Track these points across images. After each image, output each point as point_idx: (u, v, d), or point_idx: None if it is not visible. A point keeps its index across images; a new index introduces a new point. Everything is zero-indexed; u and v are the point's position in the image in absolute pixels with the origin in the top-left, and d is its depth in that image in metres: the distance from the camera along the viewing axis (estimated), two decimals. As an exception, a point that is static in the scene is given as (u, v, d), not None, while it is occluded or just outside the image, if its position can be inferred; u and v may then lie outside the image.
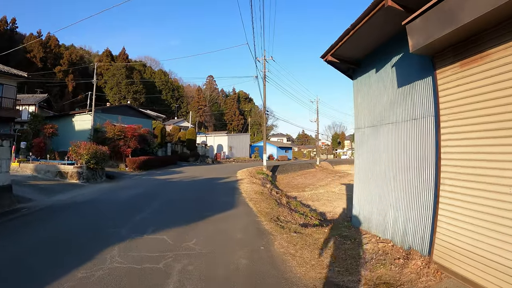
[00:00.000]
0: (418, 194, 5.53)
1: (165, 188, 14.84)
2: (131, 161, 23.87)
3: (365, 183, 7.24)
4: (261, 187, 16.29)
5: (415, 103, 5.71)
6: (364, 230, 7.07)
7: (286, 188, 26.80)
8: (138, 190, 14.12)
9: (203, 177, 20.26)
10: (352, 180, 33.12)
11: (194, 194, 13.10)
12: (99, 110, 28.61)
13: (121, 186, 16.25)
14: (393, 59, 6.40)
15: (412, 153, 5.72)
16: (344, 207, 19.12)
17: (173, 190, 14.33)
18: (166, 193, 13.18)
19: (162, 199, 11.75)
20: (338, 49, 6.95)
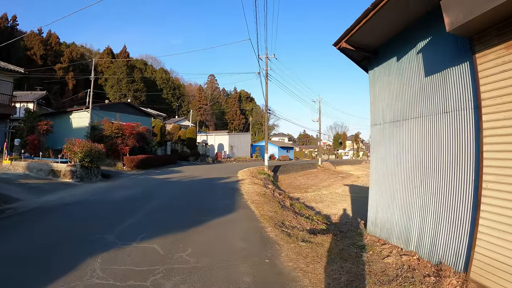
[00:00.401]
0: (452, 199, 4.68)
1: (162, 189, 14.01)
2: (129, 159, 23.05)
3: (384, 186, 6.38)
4: (263, 188, 15.45)
5: (448, 93, 4.86)
6: (382, 240, 6.22)
7: (288, 189, 25.98)
8: (133, 191, 13.29)
9: (202, 177, 19.43)
10: (355, 181, 32.25)
11: (192, 195, 12.27)
12: (97, 107, 27.78)
13: (116, 185, 15.43)
14: (419, 45, 5.55)
15: (444, 152, 4.87)
16: (349, 209, 18.34)
17: (170, 190, 13.50)
18: (163, 194, 12.35)
19: (158, 200, 10.92)
20: (354, 34, 6.10)
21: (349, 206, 19.21)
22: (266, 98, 32.29)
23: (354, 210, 17.83)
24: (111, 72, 71.45)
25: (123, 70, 71.21)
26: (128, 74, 72.40)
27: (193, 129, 38.78)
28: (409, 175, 5.59)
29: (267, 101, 32.45)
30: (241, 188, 14.34)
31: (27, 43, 67.41)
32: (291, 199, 16.48)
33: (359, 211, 17.16)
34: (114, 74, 71.03)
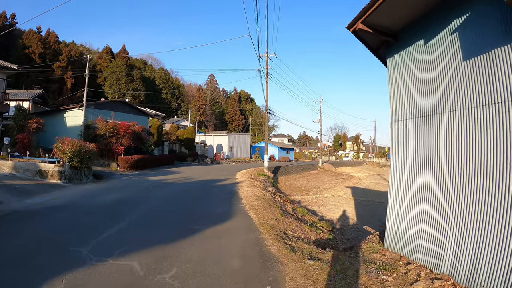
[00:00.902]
0: (502, 212, 3.67)
1: (154, 192, 12.98)
2: (123, 160, 22.03)
3: (409, 193, 5.33)
4: (262, 191, 14.43)
5: (496, 80, 3.85)
6: (405, 258, 5.19)
7: (288, 191, 24.99)
8: (124, 194, 12.27)
9: (199, 178, 18.41)
10: (357, 183, 31.13)
11: (186, 199, 11.26)
12: (92, 106, 26.75)
13: (107, 188, 14.42)
14: (453, 23, 4.54)
15: (491, 152, 3.85)
16: (353, 213, 17.43)
17: (163, 194, 12.47)
18: (154, 198, 11.34)
19: (147, 205, 9.91)
20: (373, 14, 5.08)
21: (353, 210, 18.28)
22: (266, 97, 31.29)
23: (358, 214, 16.89)
24: (110, 71, 70.49)
25: (122, 69, 70.21)
26: (127, 73, 71.42)
27: (191, 129, 37.73)
28: (443, 181, 4.56)
29: (267, 101, 31.46)
30: (240, 191, 13.32)
31: (26, 41, 66.58)
32: (293, 202, 15.47)
33: (364, 216, 16.20)
34: (113, 73, 70.06)
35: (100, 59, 75.47)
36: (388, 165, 74.24)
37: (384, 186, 33.07)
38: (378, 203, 20.77)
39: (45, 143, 24.09)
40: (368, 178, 41.77)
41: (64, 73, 67.08)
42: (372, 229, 10.08)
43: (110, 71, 70.57)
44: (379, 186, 32.94)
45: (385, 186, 33.07)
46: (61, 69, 66.87)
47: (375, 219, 14.91)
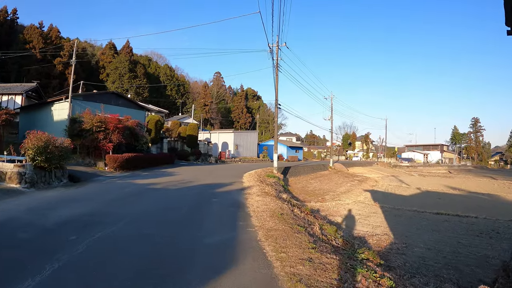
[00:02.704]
0: None
1: (133, 203, 9.51)
2: (112, 159, 18.61)
3: None
4: (277, 200, 10.88)
5: None
6: None
7: (302, 195, 21.51)
8: (89, 206, 8.82)
9: (198, 182, 14.91)
10: (374, 186, 27.17)
11: (170, 218, 7.71)
12: (80, 97, 23.37)
13: (76, 195, 10.97)
14: None
15: None
16: (384, 226, 13.84)
17: (143, 207, 8.96)
18: (128, 214, 7.83)
19: (112, 228, 6.44)
20: None
21: (384, 221, 14.71)
22: (276, 90, 27.68)
23: (394, 229, 13.33)
24: (113, 67, 67.46)
25: (126, 65, 67.10)
26: (131, 69, 68.32)
27: (194, 125, 34.20)
28: None
29: (277, 94, 27.79)
30: (248, 202, 9.77)
31: (26, 36, 63.95)
32: (315, 215, 11.91)
33: (401, 231, 12.69)
34: (116, 69, 66.98)
35: (103, 55, 72.51)
36: (399, 166, 70.61)
37: (404, 190, 29.35)
38: (410, 212, 17.26)
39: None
40: (384, 180, 38.02)
41: (66, 69, 64.21)
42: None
43: (113, 67, 67.56)
44: (400, 190, 29.22)
45: (405, 190, 29.35)
46: (62, 64, 64.09)
47: (418, 236, 11.52)
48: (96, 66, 72.06)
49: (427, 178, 45.64)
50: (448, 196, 25.96)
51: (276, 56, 27.70)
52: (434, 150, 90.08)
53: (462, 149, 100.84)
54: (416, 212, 16.99)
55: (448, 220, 14.73)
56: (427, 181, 39.32)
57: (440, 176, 51.12)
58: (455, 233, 12.21)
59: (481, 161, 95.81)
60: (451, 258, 8.91)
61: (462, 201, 23.44)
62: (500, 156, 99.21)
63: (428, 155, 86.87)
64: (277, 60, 27.67)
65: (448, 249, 9.86)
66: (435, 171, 64.92)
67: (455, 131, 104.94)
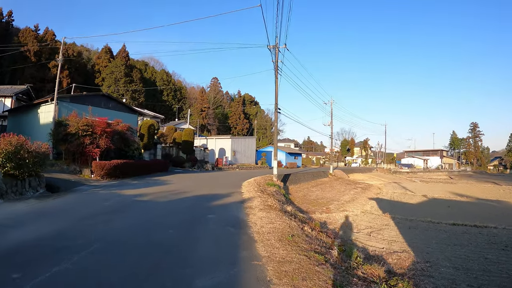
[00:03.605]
0: None
1: (113, 220, 7.79)
2: (99, 166, 16.88)
3: None
4: (283, 216, 9.20)
5: None
6: None
7: (304, 205, 19.91)
8: (62, 223, 7.18)
9: (192, 193, 13.18)
10: (378, 193, 25.27)
11: (153, 244, 5.97)
12: (67, 99, 21.69)
13: (49, 209, 9.24)
14: None
15: None
16: (400, 240, 12.36)
17: (122, 226, 7.24)
18: (101, 237, 6.12)
19: (75, 258, 4.78)
20: None
21: (399, 235, 13.16)
22: (276, 94, 26.13)
23: (410, 243, 11.87)
24: (109, 71, 65.83)
25: (121, 70, 65.48)
26: (127, 74, 66.72)
27: (190, 130, 32.43)
28: None
29: (277, 98, 26.25)
30: (250, 220, 8.07)
31: (21, 39, 62.28)
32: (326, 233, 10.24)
33: (420, 247, 10.87)
34: (112, 73, 65.35)
35: (99, 59, 70.91)
36: (399, 172, 69.05)
37: (411, 197, 27.80)
38: (424, 223, 15.79)
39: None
40: (387, 187, 36.43)
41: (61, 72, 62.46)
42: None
43: (108, 71, 65.94)
44: (406, 197, 27.64)
45: (411, 197, 27.79)
46: (57, 68, 62.39)
47: (440, 252, 10.22)
48: (92, 70, 70.42)
49: (430, 185, 44.19)
50: (458, 204, 24.66)
51: (276, 58, 26.22)
52: (433, 156, 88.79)
53: (461, 154, 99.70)
54: (431, 223, 15.61)
55: (467, 232, 13.47)
56: (431, 188, 37.86)
57: (442, 182, 49.75)
58: (478, 247, 11.05)
59: (480, 166, 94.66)
60: (484, 279, 7.85)
61: (473, 209, 22.23)
62: (499, 161, 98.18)
63: (428, 160, 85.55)
64: (276, 63, 26.18)
65: (477, 267, 8.77)
66: (436, 177, 63.50)
67: (454, 136, 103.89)
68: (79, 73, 65.31)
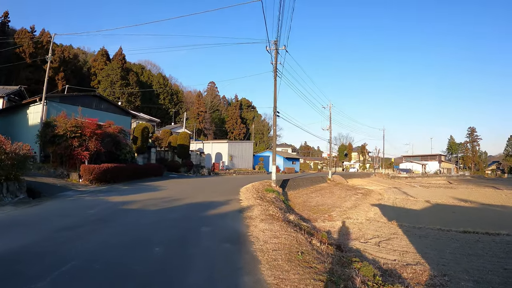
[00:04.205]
0: None
1: (91, 233, 6.68)
2: (87, 169, 15.73)
3: None
4: (287, 227, 8.13)
5: None
6: None
7: (305, 212, 18.90)
8: (32, 236, 6.08)
9: (186, 200, 12.08)
10: (380, 199, 23.77)
11: (132, 269, 4.81)
12: (56, 99, 20.51)
13: (24, 218, 8.11)
14: None
15: None
16: (412, 251, 11.45)
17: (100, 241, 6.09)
18: (70, 258, 5.01)
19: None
20: None
21: (409, 245, 12.20)
22: (275, 96, 25.13)
23: (423, 254, 10.93)
24: (105, 74, 64.67)
25: (118, 73, 64.36)
26: (123, 77, 65.60)
27: (186, 134, 31.27)
28: None
29: (276, 100, 25.24)
30: (251, 233, 6.95)
31: (17, 40, 61.23)
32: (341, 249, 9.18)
33: (434, 257, 10.05)
34: (108, 76, 64.20)
35: (95, 61, 69.78)
36: (398, 177, 68.12)
37: (413, 203, 26.75)
38: (434, 231, 14.69)
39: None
40: (388, 192, 35.41)
41: (56, 74, 61.38)
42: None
43: (104, 74, 64.78)
44: (409, 203, 26.61)
45: (414, 203, 26.73)
46: (52, 70, 61.34)
47: (456, 263, 9.45)
48: (88, 73, 69.31)
49: (430, 190, 43.28)
50: (462, 210, 23.83)
51: (275, 60, 25.29)
52: (432, 161, 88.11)
53: (459, 159, 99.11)
54: (441, 231, 14.72)
55: (480, 240, 12.71)
56: (432, 193, 36.95)
57: (442, 187, 48.95)
58: (495, 256, 10.38)
59: (478, 170, 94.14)
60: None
61: (479, 214, 21.39)
62: (497, 165, 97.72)
63: (426, 165, 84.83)
64: (275, 65, 25.26)
65: (498, 279, 8.10)
66: (434, 182, 62.69)
67: (452, 141, 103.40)
68: (74, 76, 64.20)
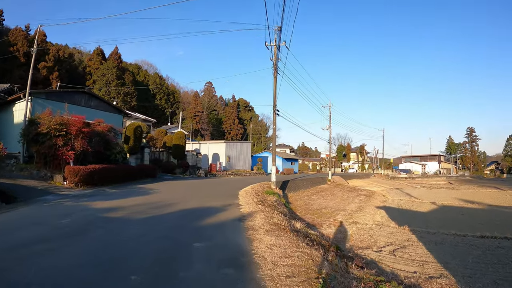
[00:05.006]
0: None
1: (56, 250, 5.30)
2: (72, 171, 14.29)
3: None
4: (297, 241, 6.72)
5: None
6: None
7: (308, 216, 17.61)
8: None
9: (179, 206, 10.65)
10: (384, 201, 21.46)
11: None
12: (42, 95, 19.02)
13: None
14: None
15: None
16: (434, 261, 10.23)
17: (64, 263, 4.75)
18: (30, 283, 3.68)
19: None
20: None
21: (427, 253, 11.03)
22: (275, 94, 23.81)
23: (445, 264, 9.87)
24: (100, 73, 63.16)
25: (113, 72, 62.85)
26: (119, 76, 64.10)
27: (181, 133, 29.76)
28: None
29: (276, 98, 23.89)
30: (255, 250, 5.51)
31: (11, 39, 59.60)
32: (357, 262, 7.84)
33: (457, 268, 9.06)
34: (103, 76, 62.68)
35: (91, 61, 68.19)
36: (397, 177, 66.82)
37: (419, 205, 25.44)
38: (449, 236, 13.23)
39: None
40: (391, 194, 34.13)
41: (50, 74, 59.81)
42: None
43: (100, 74, 63.27)
44: (414, 205, 25.31)
45: (420, 205, 25.41)
46: (47, 69, 59.81)
47: (482, 274, 8.53)
48: (83, 72, 67.72)
49: (433, 191, 42.12)
50: (471, 212, 22.68)
51: (274, 57, 23.97)
52: (431, 161, 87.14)
53: (458, 159, 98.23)
54: (457, 236, 13.63)
55: (501, 246, 11.79)
56: (435, 194, 35.77)
57: (444, 188, 47.86)
58: None
59: (477, 170, 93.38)
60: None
61: (489, 217, 20.11)
62: (496, 166, 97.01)
63: (426, 166, 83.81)
64: (275, 61, 23.95)
65: None
66: (435, 182, 61.57)
67: (450, 141, 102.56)
68: (70, 75, 62.62)
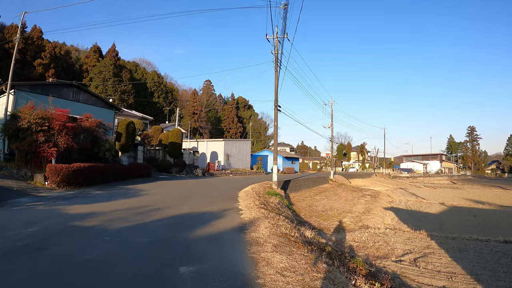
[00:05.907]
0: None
1: (2, 271, 3.86)
2: (54, 170, 12.78)
3: None
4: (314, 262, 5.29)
5: None
6: None
7: (314, 219, 16.20)
8: None
9: (168, 211, 9.09)
10: (391, 202, 18.34)
11: None
12: (26, 88, 17.54)
13: None
14: None
15: None
16: (462, 273, 9.00)
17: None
18: None
19: None
20: None
21: (453, 263, 9.83)
22: (276, 89, 22.33)
23: (475, 276, 8.81)
24: (97, 71, 61.62)
25: (110, 70, 61.30)
26: (116, 74, 62.56)
27: (177, 131, 28.16)
28: None
29: (277, 94, 22.39)
30: (262, 278, 4.07)
31: (7, 35, 58.06)
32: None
33: (490, 280, 7.79)
34: (100, 73, 61.13)
35: (87, 58, 66.63)
36: (399, 177, 65.40)
37: (428, 206, 23.99)
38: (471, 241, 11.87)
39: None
40: (396, 193, 32.69)
41: (46, 71, 58.24)
42: None
43: (97, 71, 61.72)
44: (423, 206, 23.86)
45: (428, 206, 23.92)
46: (42, 66, 58.23)
47: None
48: (80, 70, 66.14)
49: (438, 190, 40.73)
50: (483, 213, 21.44)
51: (275, 50, 22.63)
52: (433, 160, 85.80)
53: (459, 158, 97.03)
54: (479, 241, 12.30)
55: None
56: (441, 194, 34.40)
57: (447, 188, 46.56)
58: None
59: (478, 170, 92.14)
60: None
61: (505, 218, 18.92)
62: (497, 165, 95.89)
63: (427, 165, 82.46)
64: (276, 54, 22.56)
65: None
66: (437, 182, 60.24)
67: (451, 140, 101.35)
68: (66, 73, 61.14)
